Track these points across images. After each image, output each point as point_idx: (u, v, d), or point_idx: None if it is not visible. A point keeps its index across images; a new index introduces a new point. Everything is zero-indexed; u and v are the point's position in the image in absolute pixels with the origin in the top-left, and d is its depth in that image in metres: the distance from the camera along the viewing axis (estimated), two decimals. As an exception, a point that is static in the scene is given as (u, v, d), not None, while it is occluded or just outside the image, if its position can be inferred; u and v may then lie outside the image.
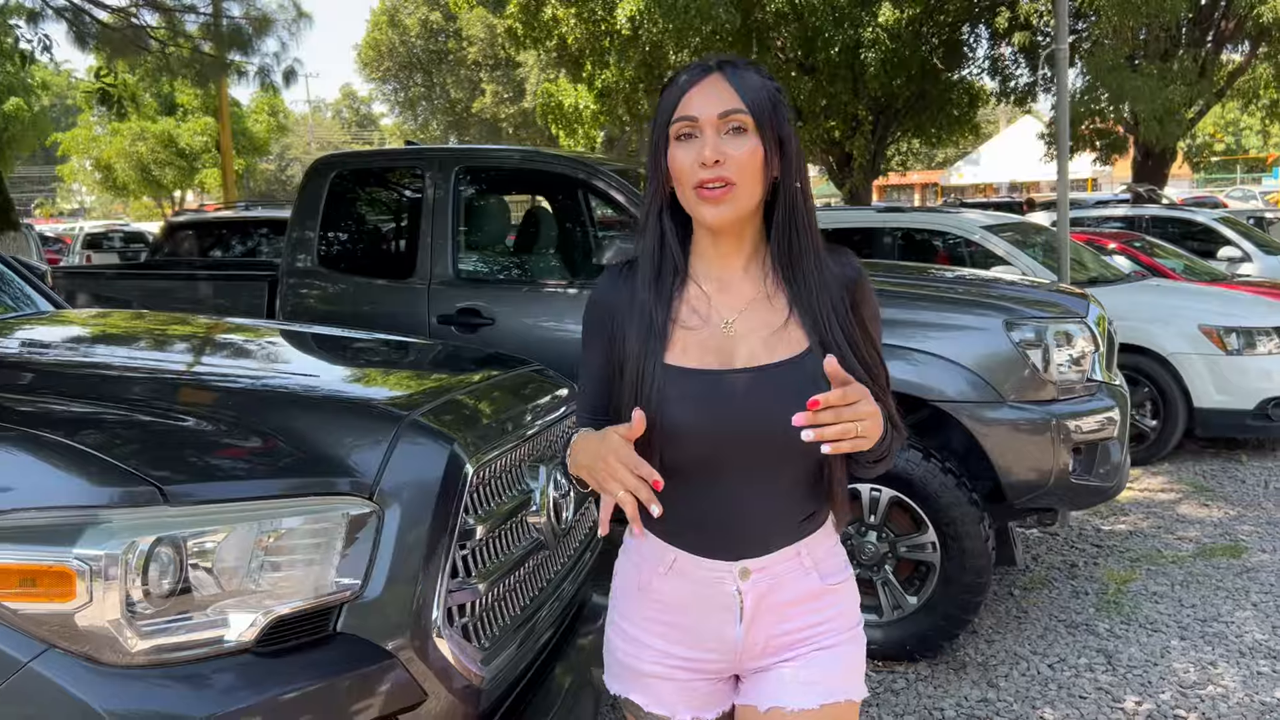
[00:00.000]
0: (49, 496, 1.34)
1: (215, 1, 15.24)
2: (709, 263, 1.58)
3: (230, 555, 1.43)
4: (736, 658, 1.60)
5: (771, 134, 1.50)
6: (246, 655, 1.43)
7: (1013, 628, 4.23)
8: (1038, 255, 7.64)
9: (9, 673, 1.28)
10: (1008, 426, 3.76)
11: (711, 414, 1.49)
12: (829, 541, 1.63)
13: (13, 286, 2.87)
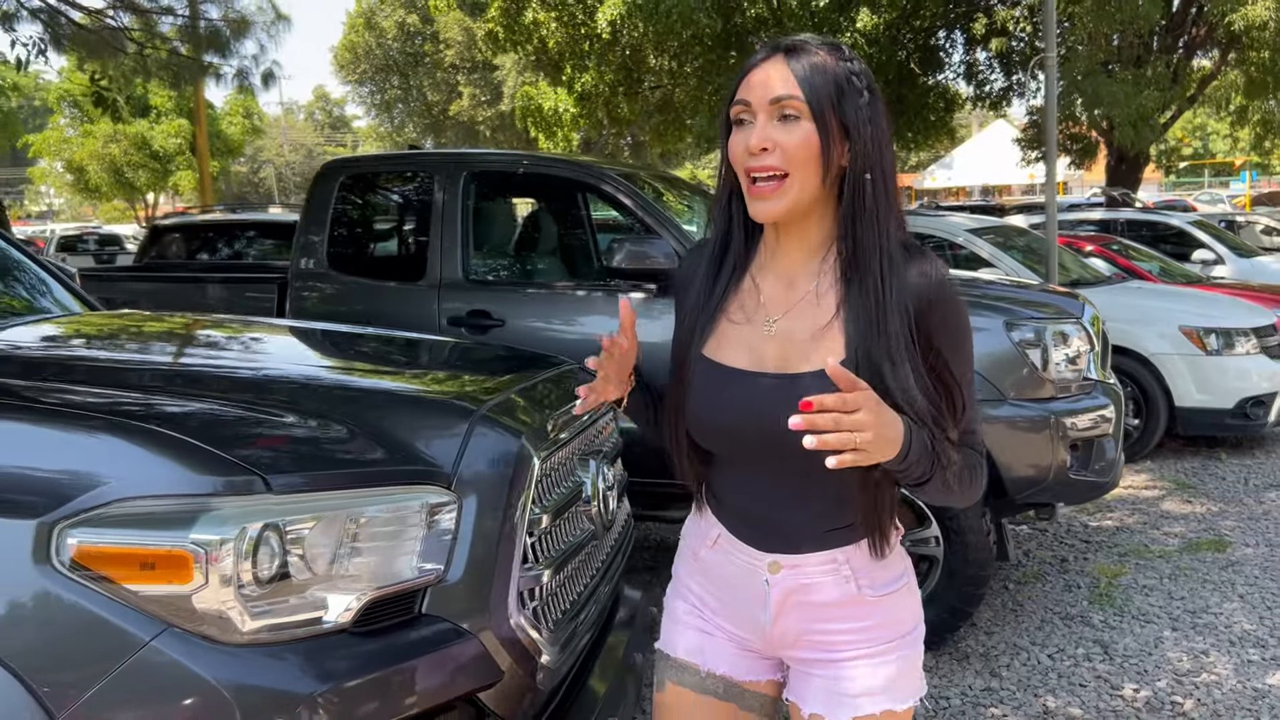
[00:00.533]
0: (164, 485, 1.42)
1: (192, 3, 15.20)
2: (772, 255, 1.53)
3: (323, 541, 1.51)
4: (769, 642, 1.58)
5: (833, 120, 1.41)
6: (344, 635, 1.51)
7: (1010, 620, 4.35)
8: (1019, 257, 7.80)
9: (133, 650, 1.35)
10: (1009, 424, 3.87)
11: (726, 413, 1.48)
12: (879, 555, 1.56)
13: (52, 289, 2.93)
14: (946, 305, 1.43)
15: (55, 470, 1.42)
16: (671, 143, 22.99)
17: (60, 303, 2.88)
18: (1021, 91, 18.69)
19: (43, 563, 1.38)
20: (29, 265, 2.98)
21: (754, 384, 1.46)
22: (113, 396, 1.68)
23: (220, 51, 15.60)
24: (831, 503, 1.50)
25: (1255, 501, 6.12)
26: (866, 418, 1.26)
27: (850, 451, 1.26)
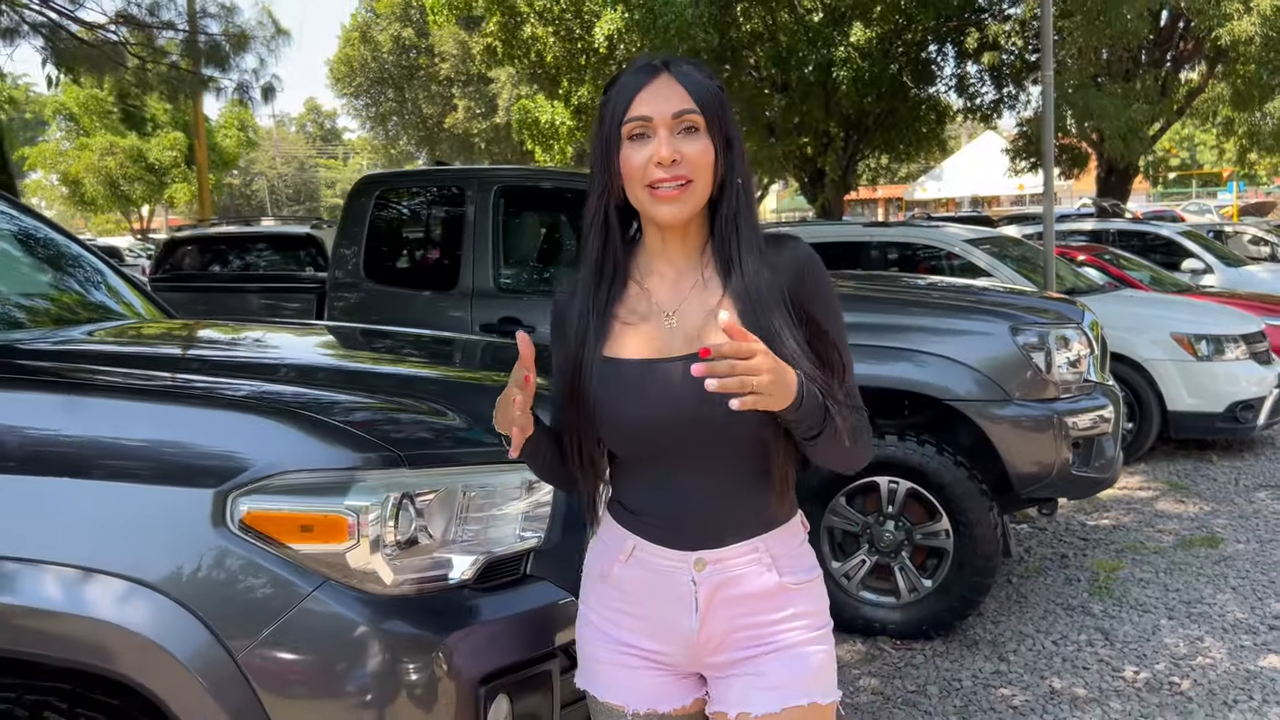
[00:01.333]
0: (319, 461, 1.64)
1: (191, 18, 15.41)
2: (654, 258, 1.60)
3: (443, 511, 1.73)
4: (694, 651, 1.60)
5: (720, 133, 1.53)
6: (466, 590, 1.73)
7: (1015, 610, 4.58)
8: (1015, 267, 8.06)
9: (298, 600, 1.58)
10: (1015, 423, 4.11)
11: (644, 402, 1.51)
12: (793, 541, 1.63)
13: (124, 295, 3.16)
14: (816, 278, 1.57)
15: (227, 448, 1.65)
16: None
17: (139, 308, 3.11)
18: (1012, 104, 19.03)
19: (219, 526, 1.61)
20: (110, 274, 3.21)
21: (668, 370, 1.51)
22: (258, 387, 1.91)
23: (220, 66, 15.80)
24: (750, 485, 1.56)
25: (1245, 501, 6.37)
26: (763, 361, 1.34)
27: (750, 395, 1.33)
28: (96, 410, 1.71)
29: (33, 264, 3.03)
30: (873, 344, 4.20)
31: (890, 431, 4.22)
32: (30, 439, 1.67)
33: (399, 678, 1.61)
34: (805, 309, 1.54)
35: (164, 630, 1.54)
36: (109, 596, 1.55)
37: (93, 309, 3.05)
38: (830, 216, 19.43)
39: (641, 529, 1.60)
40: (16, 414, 1.69)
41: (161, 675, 1.54)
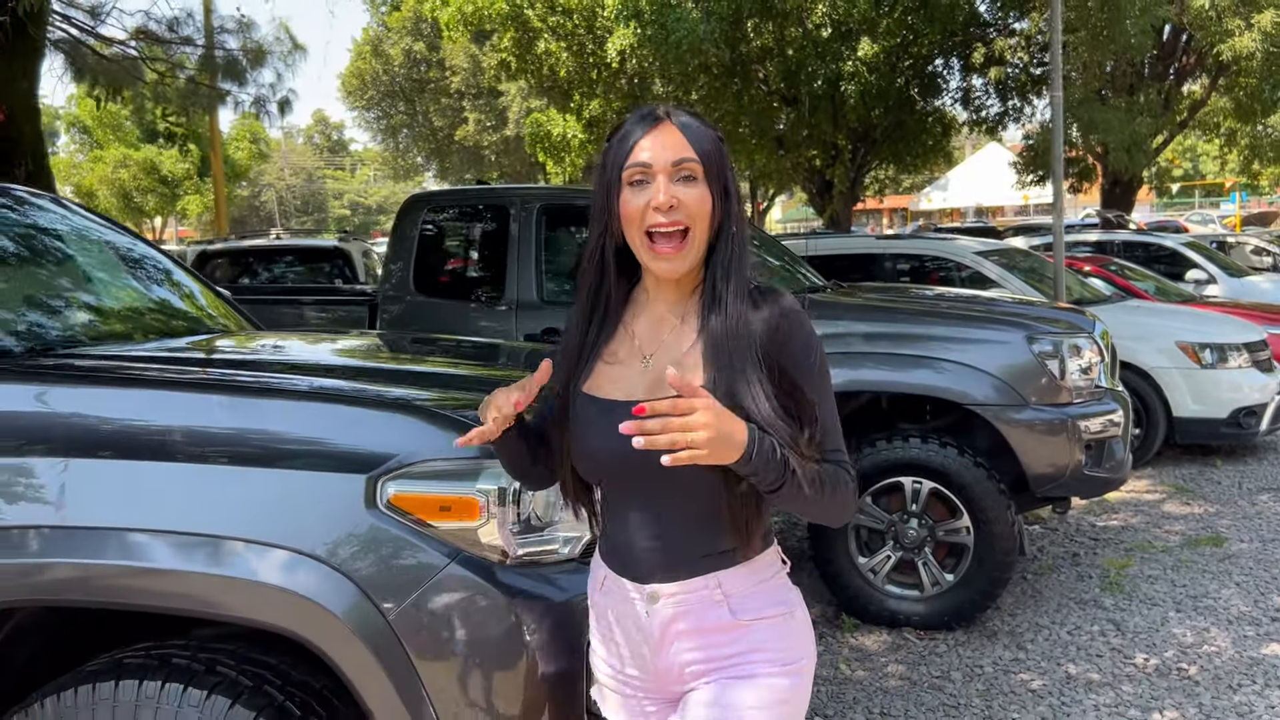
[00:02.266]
0: (452, 451, 1.92)
1: (208, 34, 15.72)
2: (648, 301, 1.66)
3: (549, 494, 2.01)
4: (659, 680, 1.64)
5: (718, 182, 1.57)
6: (574, 563, 2.01)
7: (1030, 604, 4.85)
8: (1024, 278, 8.32)
9: (439, 569, 1.85)
10: (1032, 426, 4.38)
11: (604, 443, 1.55)
12: (753, 579, 1.61)
13: (224, 308, 3.45)
14: (791, 331, 1.56)
15: (376, 441, 1.92)
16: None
17: (237, 320, 3.40)
18: (1017, 116, 19.30)
19: (371, 506, 1.88)
20: (204, 289, 3.50)
21: (625, 411, 1.48)
22: (392, 387, 2.19)
23: (238, 80, 16.11)
24: (707, 525, 1.58)
25: (1249, 503, 6.63)
26: (701, 418, 1.36)
27: (684, 450, 1.36)
28: (271, 410, 1.99)
29: (148, 278, 3.33)
30: (896, 352, 4.48)
31: (913, 435, 4.49)
32: (214, 435, 1.95)
33: (524, 635, 1.88)
34: (778, 360, 1.55)
35: (328, 594, 1.81)
36: (281, 566, 1.83)
37: (208, 319, 3.35)
38: (838, 227, 19.69)
39: (609, 559, 1.67)
40: (207, 414, 1.97)
41: (326, 632, 1.82)
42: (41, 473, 1.94)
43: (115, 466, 1.92)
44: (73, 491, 1.92)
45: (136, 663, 1.89)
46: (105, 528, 1.87)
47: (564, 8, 17.57)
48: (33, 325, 2.65)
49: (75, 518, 1.89)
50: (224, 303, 3.59)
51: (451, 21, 18.49)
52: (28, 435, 1.99)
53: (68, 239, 3.11)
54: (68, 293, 2.93)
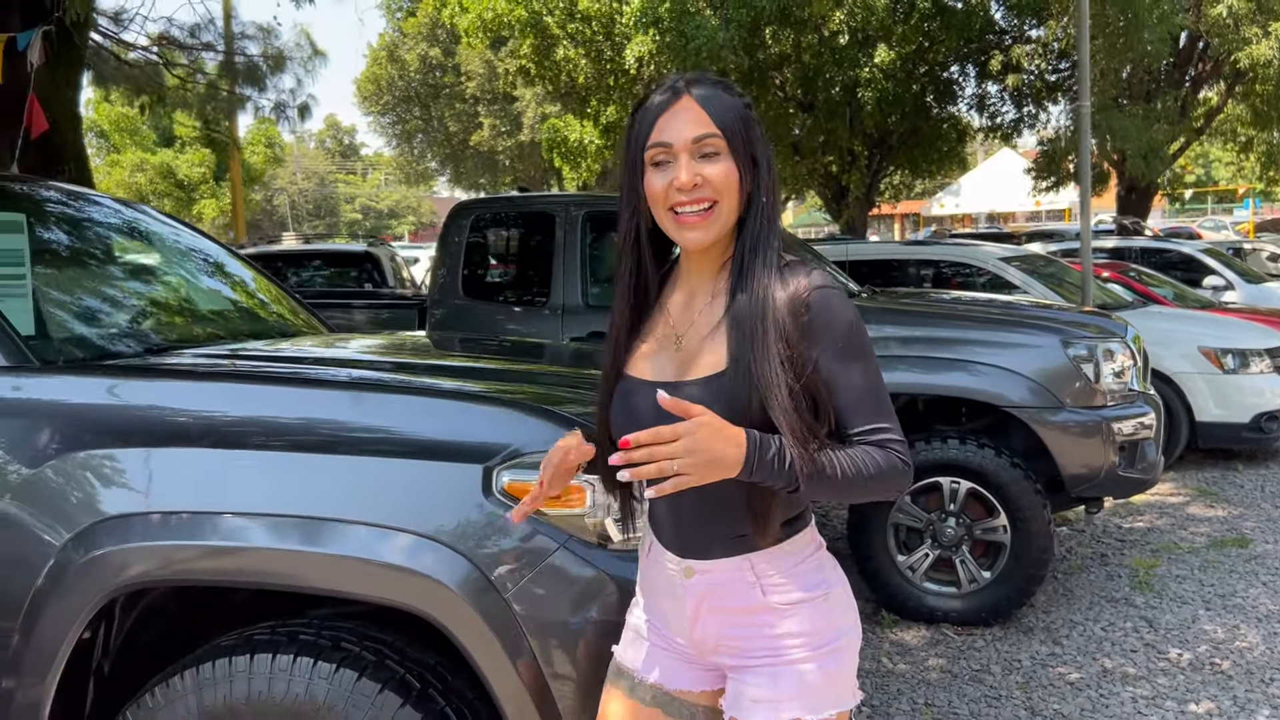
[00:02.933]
0: (554, 442, 2.07)
1: (228, 40, 15.92)
2: (684, 278, 1.67)
3: (642, 484, 2.15)
4: (694, 644, 1.69)
5: (744, 153, 1.54)
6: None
7: (1063, 602, 4.97)
8: (1047, 284, 8.44)
9: (550, 552, 1.98)
10: (1068, 428, 4.52)
11: (626, 422, 1.60)
12: (787, 561, 1.62)
13: (303, 311, 3.61)
14: (823, 310, 1.52)
15: (491, 433, 2.06)
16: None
17: (311, 321, 3.56)
18: (1032, 123, 19.42)
19: (488, 493, 2.02)
20: (281, 293, 3.66)
21: (651, 393, 1.50)
22: (497, 386, 2.34)
23: (258, 86, 16.30)
24: (735, 509, 1.58)
25: (1272, 506, 6.75)
26: (686, 445, 1.36)
27: (670, 479, 1.36)
28: (398, 406, 2.13)
29: (236, 283, 3.49)
30: (935, 356, 4.62)
31: (952, 436, 4.62)
32: (346, 428, 2.10)
33: (625, 616, 2.03)
34: (807, 343, 1.52)
35: (450, 574, 1.95)
36: (408, 549, 1.96)
37: (293, 321, 3.52)
38: (854, 233, 19.83)
39: (655, 530, 1.72)
40: (340, 409, 2.12)
41: (449, 609, 1.95)
42: (191, 462, 2.09)
43: (259, 458, 2.07)
44: (222, 481, 2.07)
45: (265, 639, 2.04)
46: (254, 513, 2.02)
47: (583, 15, 17.73)
48: (150, 328, 2.81)
49: (225, 504, 2.04)
50: (301, 306, 3.74)
51: (471, 28, 18.67)
52: (182, 428, 2.15)
53: (167, 246, 3.27)
54: (174, 297, 3.09)
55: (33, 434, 2.13)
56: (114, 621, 2.19)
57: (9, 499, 2.10)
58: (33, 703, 2.07)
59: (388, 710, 1.95)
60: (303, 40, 17.99)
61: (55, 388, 2.21)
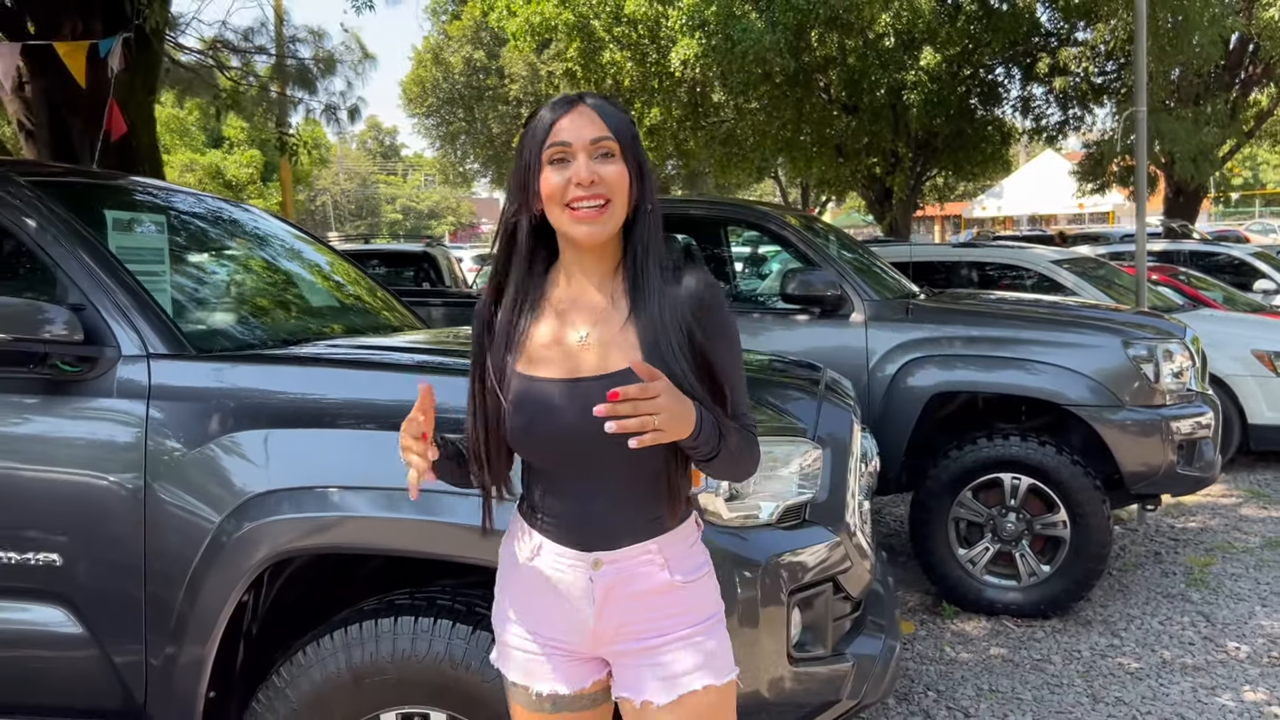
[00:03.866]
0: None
1: (279, 43, 16.25)
2: (570, 279, 1.72)
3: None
4: (593, 640, 1.73)
5: (634, 160, 1.66)
6: (771, 528, 2.31)
7: (1119, 597, 5.08)
8: (1098, 286, 8.51)
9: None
10: (1128, 427, 4.63)
11: (544, 420, 1.64)
12: (684, 543, 1.75)
13: (402, 307, 3.82)
14: (714, 309, 1.69)
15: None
16: (735, 174, 23.92)
17: (410, 316, 3.77)
18: (1078, 125, 19.38)
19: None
20: (383, 290, 3.88)
21: (578, 389, 1.62)
22: None
23: (309, 88, 16.63)
24: (646, 494, 1.69)
25: (1325, 507, 6.81)
26: (663, 402, 1.50)
27: (650, 432, 1.49)
28: None
29: (346, 280, 3.71)
30: (998, 355, 4.75)
31: (1013, 433, 4.75)
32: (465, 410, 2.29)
33: (739, 584, 2.21)
34: (698, 334, 1.66)
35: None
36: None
37: (400, 317, 3.73)
38: (897, 234, 19.89)
39: (545, 529, 1.73)
40: (459, 394, 2.31)
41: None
42: (334, 441, 2.29)
43: (393, 438, 2.25)
44: (361, 458, 2.27)
45: (406, 604, 2.23)
46: (391, 488, 2.21)
47: (629, 18, 17.92)
48: (276, 321, 3.02)
49: (366, 480, 2.24)
50: (401, 303, 3.96)
51: (519, 32, 18.90)
52: (326, 410, 2.35)
53: (282, 245, 3.48)
54: (293, 292, 3.31)
55: (192, 417, 2.34)
56: (263, 588, 2.39)
57: (172, 478, 2.31)
58: (196, 662, 2.28)
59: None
60: (353, 43, 18.33)
61: (213, 374, 2.41)
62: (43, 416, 2.38)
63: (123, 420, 2.34)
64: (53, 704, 2.40)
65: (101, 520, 2.31)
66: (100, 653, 2.34)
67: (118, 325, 2.41)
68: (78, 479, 2.34)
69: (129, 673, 2.33)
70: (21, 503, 2.35)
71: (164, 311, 2.52)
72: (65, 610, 2.34)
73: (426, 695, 2.19)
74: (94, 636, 2.34)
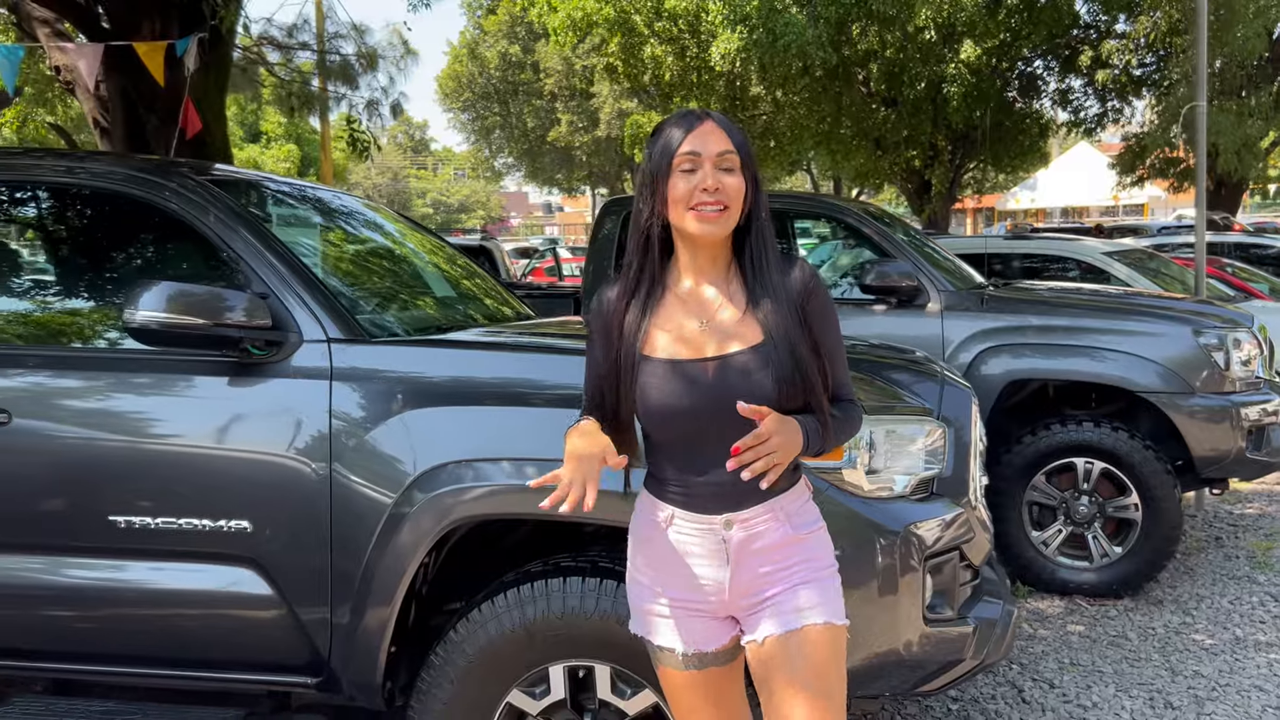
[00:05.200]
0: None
1: (320, 38, 16.50)
2: (686, 273, 1.93)
3: (885, 443, 2.50)
4: (728, 597, 1.92)
5: (750, 173, 1.88)
6: (904, 499, 2.50)
7: (1187, 579, 5.23)
8: (1150, 277, 8.60)
9: (819, 493, 2.34)
10: (1199, 413, 4.78)
11: (684, 394, 1.84)
12: (800, 500, 1.95)
13: (514, 297, 4.04)
14: (820, 294, 1.93)
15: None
16: (773, 167, 24.05)
17: (521, 306, 3.99)
18: (1116, 117, 19.37)
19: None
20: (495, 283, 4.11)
21: (701, 369, 1.85)
22: None
23: (350, 84, 16.87)
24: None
25: (1382, 495, 6.91)
26: (776, 441, 1.76)
27: (773, 469, 1.77)
28: None
29: (465, 272, 3.93)
30: (1071, 344, 4.91)
31: (1085, 420, 4.91)
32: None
33: (878, 549, 2.41)
34: (808, 319, 1.90)
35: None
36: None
37: (517, 306, 3.96)
38: (936, 227, 19.95)
39: (676, 500, 1.92)
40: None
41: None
42: (509, 418, 2.51)
43: (547, 413, 2.48)
44: (520, 431, 2.50)
45: (572, 565, 2.44)
46: (550, 459, 2.32)
47: (669, 13, 18.07)
48: (418, 311, 3.24)
49: (525, 452, 2.46)
50: (512, 294, 4.17)
51: (561, 27, 19.10)
52: (486, 389, 2.57)
53: (412, 241, 3.71)
54: (428, 283, 3.53)
55: (370, 396, 2.55)
56: (434, 553, 2.60)
57: (353, 453, 2.52)
58: (380, 624, 2.50)
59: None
60: (395, 40, 18.57)
61: (387, 357, 2.62)
62: (232, 395, 2.60)
63: (307, 399, 2.56)
64: (245, 659, 2.63)
65: (289, 490, 2.53)
66: (288, 611, 2.56)
67: (299, 312, 2.62)
68: (266, 452, 2.56)
69: (315, 630, 2.55)
70: (213, 474, 2.57)
71: (339, 299, 2.73)
72: (256, 572, 2.56)
73: (593, 649, 2.40)
74: (282, 597, 2.56)
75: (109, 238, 3.08)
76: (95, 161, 3.01)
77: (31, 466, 2.65)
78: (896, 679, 2.49)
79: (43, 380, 2.70)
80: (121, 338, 2.75)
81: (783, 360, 1.84)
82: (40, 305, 3.02)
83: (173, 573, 2.60)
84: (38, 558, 2.66)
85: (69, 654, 2.70)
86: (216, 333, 2.48)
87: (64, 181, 3.01)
